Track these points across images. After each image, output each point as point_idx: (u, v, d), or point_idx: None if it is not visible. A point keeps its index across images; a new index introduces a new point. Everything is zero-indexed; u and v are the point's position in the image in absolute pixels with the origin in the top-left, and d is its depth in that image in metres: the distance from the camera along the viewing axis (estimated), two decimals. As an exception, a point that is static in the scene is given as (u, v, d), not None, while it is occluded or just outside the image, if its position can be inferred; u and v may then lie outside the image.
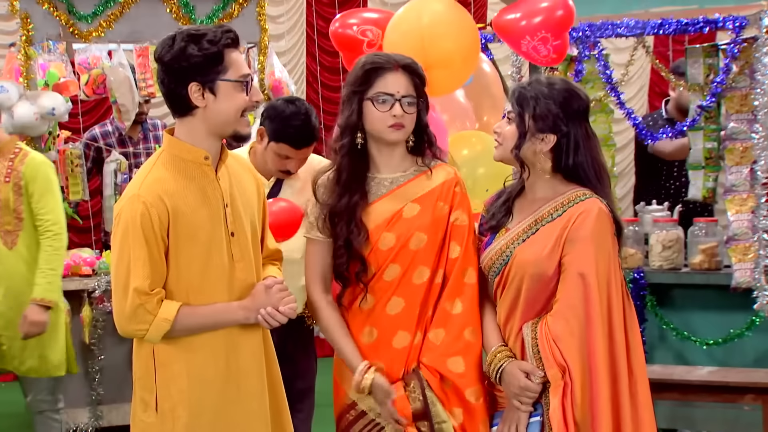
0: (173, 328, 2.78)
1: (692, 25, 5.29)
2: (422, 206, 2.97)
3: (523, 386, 2.87)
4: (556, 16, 3.93)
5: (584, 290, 2.84)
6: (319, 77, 8.70)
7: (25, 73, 5.78)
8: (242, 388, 2.88)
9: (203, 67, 2.75)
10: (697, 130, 5.59)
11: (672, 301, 5.53)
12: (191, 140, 2.85)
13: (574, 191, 2.94)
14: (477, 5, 8.80)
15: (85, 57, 6.05)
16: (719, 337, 5.37)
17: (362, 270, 2.96)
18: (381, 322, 2.97)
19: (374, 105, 2.94)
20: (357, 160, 2.99)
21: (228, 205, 2.87)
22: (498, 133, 3.02)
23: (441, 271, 2.96)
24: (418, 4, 3.79)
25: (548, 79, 3.00)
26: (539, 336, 2.87)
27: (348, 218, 2.95)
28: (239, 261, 2.89)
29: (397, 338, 2.95)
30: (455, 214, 2.98)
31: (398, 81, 2.95)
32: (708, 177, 5.65)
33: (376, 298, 2.97)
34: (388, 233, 2.96)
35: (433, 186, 2.99)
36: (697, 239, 5.47)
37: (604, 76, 5.46)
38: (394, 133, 2.95)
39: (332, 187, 3.00)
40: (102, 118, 7.30)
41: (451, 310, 2.95)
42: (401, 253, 2.95)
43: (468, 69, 3.91)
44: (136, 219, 2.75)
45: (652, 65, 7.01)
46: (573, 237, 2.87)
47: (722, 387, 4.80)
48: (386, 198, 2.99)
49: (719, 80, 5.27)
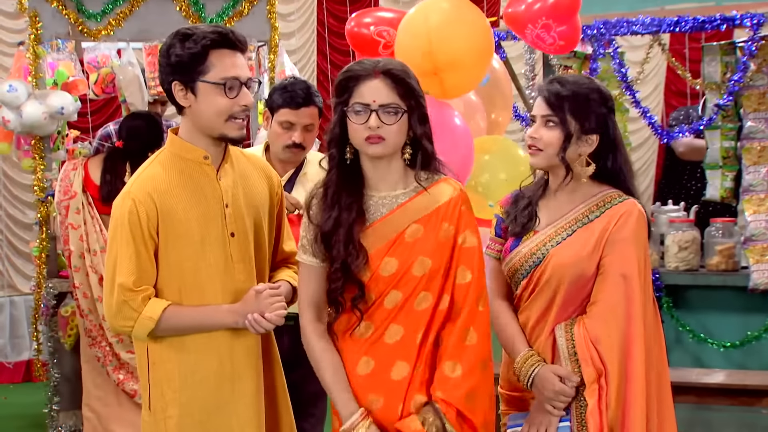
0: (158, 327, 2.78)
1: (709, 23, 5.24)
2: (426, 228, 2.73)
3: (558, 390, 2.83)
4: (558, 2, 3.86)
5: (626, 292, 2.83)
6: (330, 76, 8.70)
7: (33, 72, 5.75)
8: (236, 389, 2.87)
9: (184, 66, 2.77)
10: (714, 129, 5.55)
11: (688, 302, 5.49)
12: (190, 139, 2.86)
13: (608, 192, 2.92)
14: (490, 2, 8.73)
15: (94, 56, 6.04)
16: (737, 339, 5.32)
17: (359, 296, 2.72)
18: (378, 351, 2.72)
19: (350, 117, 2.70)
20: (347, 176, 2.75)
21: (228, 205, 2.86)
22: (536, 138, 2.89)
23: (447, 297, 2.73)
24: (426, 5, 3.72)
25: (574, 77, 2.95)
26: (577, 338, 2.84)
27: (345, 239, 2.70)
28: (238, 262, 2.87)
29: (396, 369, 2.71)
30: (463, 235, 2.74)
31: (375, 89, 2.69)
32: (725, 176, 5.61)
33: (374, 326, 2.73)
34: (390, 258, 2.71)
35: (437, 205, 2.74)
36: (714, 240, 5.43)
37: (619, 74, 5.40)
38: (372, 147, 2.70)
39: (322, 205, 2.77)
40: (111, 118, 7.30)
41: (465, 340, 2.72)
42: (404, 279, 2.71)
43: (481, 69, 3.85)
44: (125, 216, 2.78)
45: (668, 63, 6.95)
46: (614, 238, 2.85)
47: (740, 390, 4.75)
48: (387, 219, 2.74)
49: (737, 78, 5.21)
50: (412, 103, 2.72)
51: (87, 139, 6.16)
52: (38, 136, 5.67)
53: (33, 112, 5.47)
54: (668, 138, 5.50)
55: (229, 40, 2.79)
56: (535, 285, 2.91)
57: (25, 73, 5.78)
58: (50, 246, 5.73)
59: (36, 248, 5.79)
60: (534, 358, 2.89)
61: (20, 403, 6.90)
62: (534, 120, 2.94)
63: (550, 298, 2.89)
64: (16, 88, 5.47)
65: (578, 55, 5.72)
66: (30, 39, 5.79)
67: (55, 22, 5.83)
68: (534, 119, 2.94)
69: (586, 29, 5.34)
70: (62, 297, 5.58)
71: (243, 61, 2.82)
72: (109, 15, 5.96)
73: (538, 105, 2.92)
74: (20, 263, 7.93)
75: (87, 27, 5.93)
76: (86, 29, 5.93)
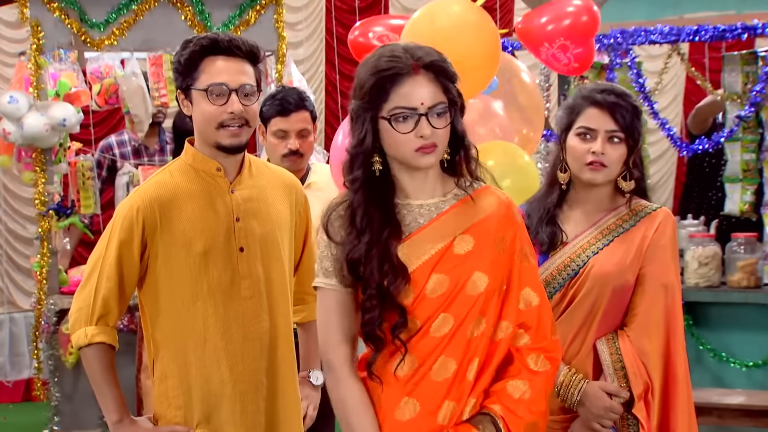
0: (84, 352, 2.82)
1: (730, 32, 5.23)
2: (477, 239, 2.32)
3: (608, 407, 2.78)
4: (577, 24, 3.78)
5: (668, 302, 2.81)
6: (339, 86, 8.69)
7: (35, 82, 5.68)
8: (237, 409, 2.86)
9: (180, 74, 2.80)
10: (734, 141, 5.53)
11: (709, 320, 5.46)
12: (202, 149, 2.86)
13: (637, 201, 2.88)
14: (503, 11, 8.66)
15: (97, 66, 5.97)
16: (759, 358, 5.29)
17: (401, 323, 2.28)
18: (423, 391, 2.29)
19: (392, 125, 2.27)
20: (376, 190, 2.33)
21: (240, 219, 2.83)
22: (603, 154, 2.79)
23: (506, 324, 2.34)
24: (432, 7, 3.64)
25: (611, 86, 2.89)
26: (624, 352, 2.78)
27: (380, 258, 2.28)
28: (246, 278, 2.83)
29: (444, 411, 2.29)
30: (522, 251, 2.37)
31: (421, 88, 2.27)
32: (746, 190, 5.58)
33: (418, 361, 2.29)
34: (438, 275, 2.30)
35: (487, 213, 2.35)
36: (735, 255, 5.38)
37: (636, 84, 5.39)
38: (424, 158, 2.29)
39: (349, 228, 2.34)
40: (114, 129, 7.29)
41: (537, 365, 2.35)
42: (456, 300, 2.29)
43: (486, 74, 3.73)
44: (119, 222, 2.81)
45: (687, 73, 6.91)
46: (654, 247, 2.82)
47: (762, 411, 4.73)
48: (428, 229, 2.33)
49: (758, 89, 5.21)
50: (454, 96, 2.32)
51: (89, 152, 6.13)
52: (39, 149, 5.61)
53: (34, 123, 5.42)
54: (688, 151, 5.45)
55: (221, 47, 2.77)
56: (572, 297, 2.83)
57: (26, 84, 5.72)
58: (51, 261, 5.67)
59: (36, 264, 5.73)
60: (579, 374, 2.82)
61: (19, 423, 6.85)
62: (589, 133, 2.82)
63: (590, 310, 2.81)
64: (17, 99, 5.42)
65: (595, 65, 5.71)
66: (31, 49, 5.72)
67: (57, 31, 5.77)
68: (588, 132, 2.82)
69: (602, 38, 5.36)
70: (63, 314, 5.50)
71: (239, 67, 2.78)
72: (112, 24, 5.91)
73: (598, 118, 2.81)
74: (20, 279, 7.87)
75: (90, 37, 5.88)
76: (89, 39, 5.87)
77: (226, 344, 2.81)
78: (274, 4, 6.21)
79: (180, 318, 2.81)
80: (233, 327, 2.82)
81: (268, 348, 2.86)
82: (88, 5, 5.82)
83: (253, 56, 2.82)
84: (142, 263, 2.81)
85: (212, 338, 2.81)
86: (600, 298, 2.79)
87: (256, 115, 2.91)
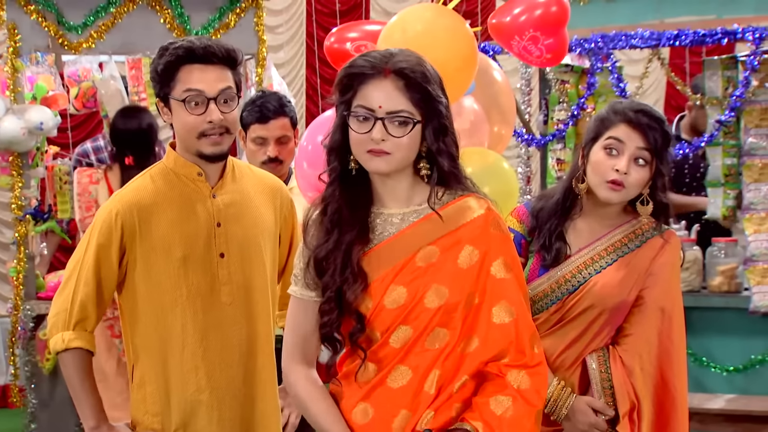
0: (62, 358, 2.80)
1: (710, 36, 5.20)
2: (442, 251, 2.28)
3: (593, 423, 2.79)
4: (547, 14, 3.76)
5: (664, 326, 2.79)
6: (320, 89, 8.68)
7: (11, 86, 5.64)
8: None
9: (157, 82, 2.78)
10: (715, 146, 5.48)
11: (689, 325, 5.17)
12: (183, 154, 2.84)
13: (642, 220, 2.83)
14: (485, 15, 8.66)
15: (74, 69, 5.94)
16: (740, 363, 5.27)
17: (358, 329, 2.27)
18: (379, 397, 2.28)
19: (351, 123, 2.26)
20: (351, 190, 2.31)
21: (221, 224, 2.81)
22: (626, 174, 2.71)
23: (477, 340, 2.27)
24: (404, 15, 3.63)
25: (648, 107, 2.82)
26: (613, 370, 2.78)
27: (342, 262, 2.27)
28: (225, 284, 2.82)
29: (398, 420, 2.26)
30: (496, 265, 2.29)
31: (384, 92, 2.23)
32: (727, 195, 5.54)
33: (377, 368, 2.29)
34: (396, 286, 2.27)
35: (458, 224, 2.29)
36: (715, 260, 5.37)
37: (617, 89, 5.36)
38: (373, 161, 2.25)
39: (321, 227, 2.33)
40: (92, 134, 7.25)
41: (515, 383, 2.27)
42: (414, 312, 2.26)
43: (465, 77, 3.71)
44: (98, 226, 2.79)
45: (667, 78, 6.90)
46: (657, 271, 2.79)
47: (743, 416, 4.77)
48: (394, 240, 2.29)
49: (738, 94, 5.17)
50: (428, 112, 2.27)
51: (67, 156, 6.09)
52: (16, 153, 5.57)
53: (11, 127, 5.38)
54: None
55: (197, 54, 2.73)
56: (567, 311, 2.80)
57: (2, 87, 5.68)
58: (28, 267, 5.64)
59: (13, 269, 5.70)
60: (568, 389, 2.81)
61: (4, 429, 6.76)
62: (616, 147, 2.74)
63: (585, 326, 2.80)
64: (-7, 102, 5.38)
65: (575, 69, 5.73)
66: (8, 52, 5.69)
67: (34, 34, 5.74)
68: (616, 146, 2.74)
69: (583, 43, 5.33)
70: (40, 319, 5.46)
71: (217, 74, 2.75)
72: (90, 27, 5.89)
73: (629, 134, 2.73)
74: (-4, 284, 7.80)
75: (67, 39, 5.85)
76: (67, 42, 5.85)
77: (204, 351, 2.80)
78: (255, 7, 6.21)
79: (159, 324, 2.80)
80: (212, 333, 2.80)
81: (246, 355, 2.85)
82: (65, 8, 5.79)
83: (230, 60, 2.78)
84: (120, 268, 2.80)
85: (190, 344, 2.79)
86: (598, 316, 2.78)
87: (237, 121, 2.89)
